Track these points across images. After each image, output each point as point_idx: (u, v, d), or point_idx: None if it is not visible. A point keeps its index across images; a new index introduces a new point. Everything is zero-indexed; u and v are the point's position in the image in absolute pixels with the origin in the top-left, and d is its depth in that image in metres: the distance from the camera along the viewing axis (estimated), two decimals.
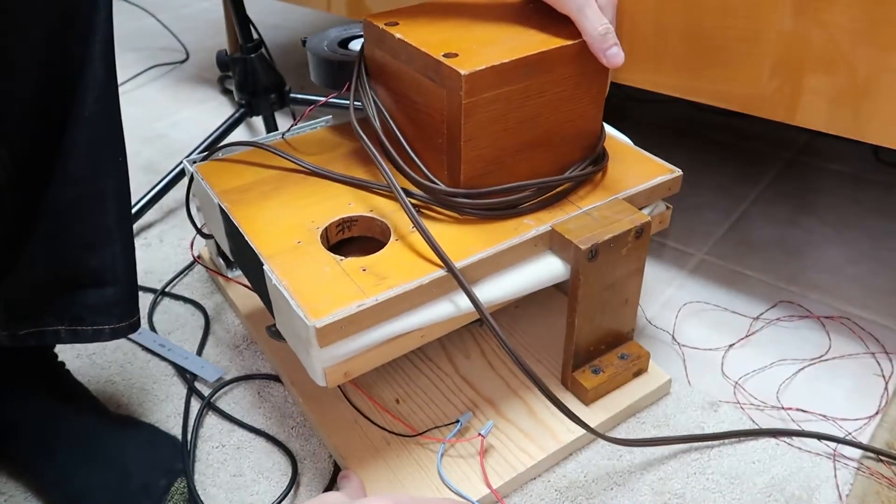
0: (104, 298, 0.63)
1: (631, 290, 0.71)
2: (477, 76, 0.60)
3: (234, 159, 0.76)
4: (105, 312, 0.63)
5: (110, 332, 0.64)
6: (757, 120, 0.81)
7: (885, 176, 1.12)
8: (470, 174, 0.65)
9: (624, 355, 0.74)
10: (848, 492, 0.67)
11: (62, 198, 0.58)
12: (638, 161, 0.75)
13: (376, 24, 0.68)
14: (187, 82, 1.53)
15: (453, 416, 0.72)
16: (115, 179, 0.61)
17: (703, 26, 0.76)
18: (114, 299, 0.63)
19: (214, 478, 0.71)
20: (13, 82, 0.54)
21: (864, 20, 0.67)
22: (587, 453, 0.71)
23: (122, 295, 0.64)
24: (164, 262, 0.99)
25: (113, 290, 0.63)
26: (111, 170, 0.60)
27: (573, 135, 0.70)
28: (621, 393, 0.74)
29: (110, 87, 0.58)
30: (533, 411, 0.72)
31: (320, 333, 0.55)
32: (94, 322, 0.63)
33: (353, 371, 0.59)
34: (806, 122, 0.75)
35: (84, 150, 0.58)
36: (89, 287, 0.62)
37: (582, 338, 0.71)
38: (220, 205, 0.68)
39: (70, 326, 0.63)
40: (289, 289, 0.58)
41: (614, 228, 0.65)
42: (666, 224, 0.77)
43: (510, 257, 0.64)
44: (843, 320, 0.86)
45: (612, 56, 0.63)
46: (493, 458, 0.68)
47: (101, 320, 0.63)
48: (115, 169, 0.61)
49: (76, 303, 0.62)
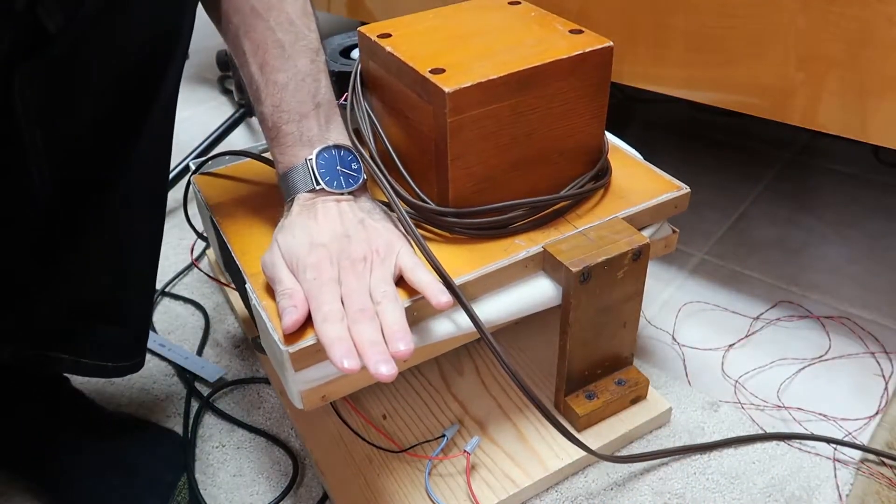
0: (112, 337, 0.63)
1: (629, 314, 0.68)
2: (462, 93, 0.58)
3: (230, 170, 0.76)
4: (110, 350, 0.63)
5: (113, 370, 0.64)
6: (757, 120, 0.81)
7: (885, 176, 1.12)
8: (459, 192, 0.63)
9: (621, 381, 0.72)
10: (848, 492, 0.67)
11: (96, 232, 0.59)
12: (644, 176, 0.72)
13: (369, 36, 0.67)
14: (187, 82, 1.53)
15: (439, 434, 0.70)
16: (151, 226, 0.62)
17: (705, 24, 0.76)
18: (122, 340, 0.64)
19: (214, 478, 0.71)
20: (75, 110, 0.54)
21: (865, 20, 0.67)
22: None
23: (130, 337, 0.64)
24: (163, 262, 0.99)
25: (123, 330, 0.63)
26: (148, 216, 0.61)
27: (572, 150, 0.67)
28: (617, 420, 0.72)
29: (164, 137, 0.59)
30: (523, 436, 0.70)
31: (293, 358, 0.54)
32: (98, 357, 0.63)
33: (332, 394, 0.58)
34: (807, 123, 0.75)
35: (125, 191, 0.58)
36: (100, 323, 0.62)
37: (575, 362, 0.68)
38: (212, 218, 0.69)
39: (73, 357, 0.63)
40: (267, 310, 0.57)
41: (610, 250, 0.63)
42: (671, 248, 0.73)
43: (499, 279, 0.62)
44: (843, 320, 0.86)
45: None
46: (477, 483, 0.66)
47: (106, 357, 0.63)
48: (152, 215, 0.61)
49: (85, 336, 0.62)
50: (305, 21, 0.62)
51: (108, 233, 0.59)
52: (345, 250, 0.57)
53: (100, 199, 0.57)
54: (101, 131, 0.55)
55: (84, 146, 0.55)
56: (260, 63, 0.60)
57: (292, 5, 0.61)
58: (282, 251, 0.58)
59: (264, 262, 0.59)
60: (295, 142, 0.60)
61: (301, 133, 0.60)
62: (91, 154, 0.56)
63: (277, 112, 0.60)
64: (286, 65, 0.60)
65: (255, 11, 0.60)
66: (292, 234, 0.58)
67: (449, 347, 0.63)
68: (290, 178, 0.60)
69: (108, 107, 0.55)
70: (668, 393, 0.77)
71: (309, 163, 0.59)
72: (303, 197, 0.60)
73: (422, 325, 0.59)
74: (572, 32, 0.66)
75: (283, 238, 0.58)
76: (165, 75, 0.56)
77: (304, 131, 0.60)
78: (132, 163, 0.57)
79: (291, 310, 0.54)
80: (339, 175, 0.60)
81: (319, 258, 0.56)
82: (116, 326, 0.63)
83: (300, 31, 0.61)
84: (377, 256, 0.57)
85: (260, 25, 0.60)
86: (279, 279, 0.57)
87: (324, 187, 0.59)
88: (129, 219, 0.59)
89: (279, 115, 0.60)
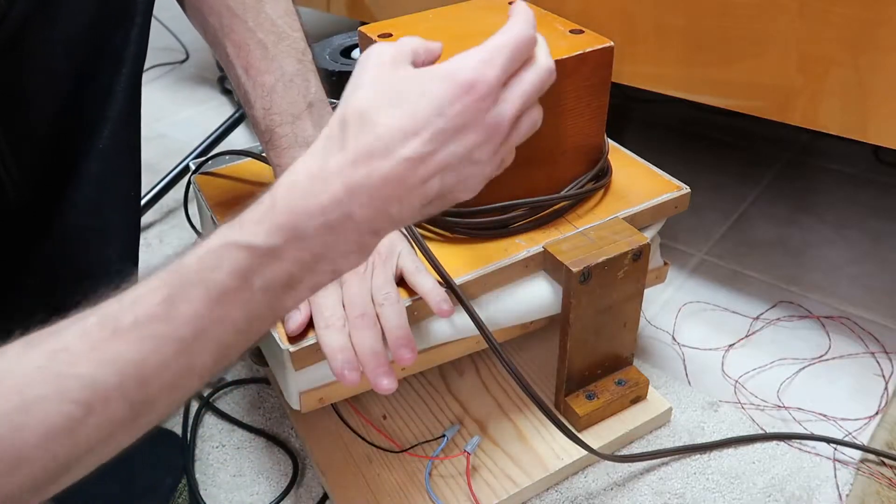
0: None
1: (629, 314, 0.68)
2: None
3: (231, 169, 0.76)
4: None
5: None
6: (757, 120, 0.81)
7: (885, 176, 1.12)
8: None
9: (621, 381, 0.71)
10: (848, 492, 0.67)
11: (67, 227, 0.57)
12: (644, 176, 0.72)
13: (369, 36, 0.67)
14: (187, 82, 1.53)
15: (439, 434, 0.70)
16: (124, 214, 0.60)
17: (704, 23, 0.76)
18: None
19: (214, 478, 0.71)
20: (32, 109, 0.53)
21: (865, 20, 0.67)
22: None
23: None
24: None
25: None
26: (120, 204, 0.59)
27: (573, 150, 0.67)
28: (617, 420, 0.71)
29: (130, 123, 0.58)
30: (523, 436, 0.70)
31: (294, 357, 0.54)
32: None
33: (329, 398, 0.58)
34: (807, 123, 0.75)
35: (94, 182, 0.57)
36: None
37: (575, 362, 0.68)
38: (213, 217, 0.69)
39: None
40: None
41: (610, 250, 0.63)
42: (663, 280, 0.74)
43: (500, 279, 0.62)
44: (843, 320, 0.86)
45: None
46: (477, 483, 0.66)
47: None
48: (125, 204, 0.59)
49: None
50: (288, 21, 0.61)
51: (80, 224, 0.58)
52: None
53: (69, 190, 0.56)
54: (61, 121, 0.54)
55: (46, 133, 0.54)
56: (244, 65, 0.59)
57: (272, 5, 0.60)
58: None
59: None
60: (291, 144, 0.60)
61: (296, 135, 0.59)
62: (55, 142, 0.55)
63: (269, 115, 0.59)
64: (271, 66, 0.59)
65: (232, 12, 0.59)
66: None
67: (451, 357, 0.63)
68: None
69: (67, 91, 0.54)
70: (668, 393, 0.77)
71: None
72: None
73: (422, 326, 0.59)
74: (573, 32, 0.66)
75: None
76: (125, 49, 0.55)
77: (299, 132, 0.59)
78: (94, 153, 0.56)
79: (294, 312, 0.54)
80: None
81: None
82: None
83: (283, 31, 0.60)
84: (378, 257, 0.57)
85: (239, 26, 0.59)
86: None
87: None
88: (97, 209, 0.58)
89: (271, 118, 0.59)
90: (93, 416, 0.35)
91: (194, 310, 0.37)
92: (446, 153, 0.40)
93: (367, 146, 0.39)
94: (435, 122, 0.39)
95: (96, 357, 0.36)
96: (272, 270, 0.39)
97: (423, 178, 0.40)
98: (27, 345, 0.36)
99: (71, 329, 0.37)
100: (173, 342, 0.37)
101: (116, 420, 0.36)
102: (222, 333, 0.38)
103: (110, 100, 0.55)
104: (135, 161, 0.59)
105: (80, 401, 0.34)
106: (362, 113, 0.40)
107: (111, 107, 0.55)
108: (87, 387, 0.35)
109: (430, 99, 0.39)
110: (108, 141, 0.56)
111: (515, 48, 0.42)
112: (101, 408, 0.35)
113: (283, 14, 0.61)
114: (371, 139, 0.39)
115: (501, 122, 0.42)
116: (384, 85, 0.41)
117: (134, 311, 0.37)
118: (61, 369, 0.35)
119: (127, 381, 0.36)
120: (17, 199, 0.54)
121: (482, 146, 0.42)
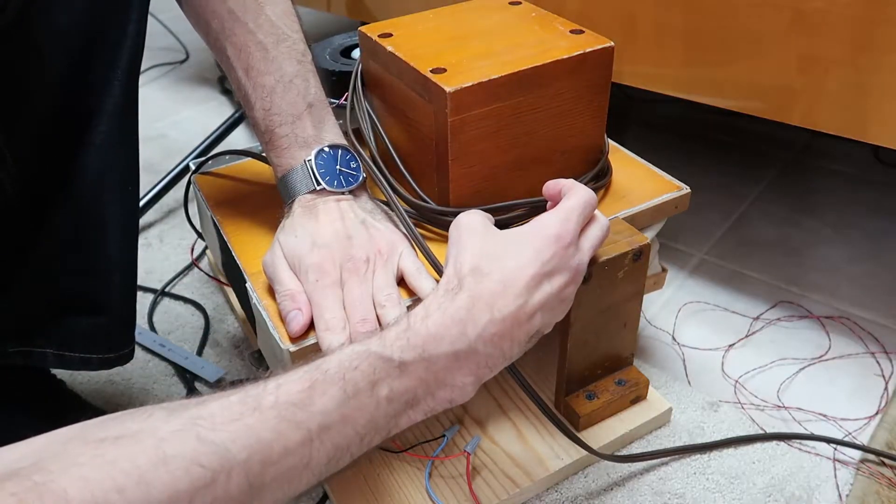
0: (96, 327, 0.61)
1: (629, 314, 0.68)
2: (463, 93, 0.58)
3: (231, 169, 0.76)
4: (95, 341, 0.61)
5: (98, 362, 0.61)
6: (757, 120, 0.81)
7: (885, 176, 1.12)
8: (460, 192, 0.63)
9: (621, 381, 0.71)
10: (848, 492, 0.67)
11: (64, 221, 0.57)
12: (644, 176, 0.72)
13: (369, 36, 0.67)
14: (187, 82, 1.53)
15: (439, 434, 0.70)
16: (122, 209, 0.59)
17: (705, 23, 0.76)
18: (106, 329, 0.61)
19: None
20: (29, 102, 0.53)
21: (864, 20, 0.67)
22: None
23: (115, 325, 0.61)
24: (164, 263, 0.99)
25: (107, 319, 0.61)
26: (118, 199, 0.58)
27: (573, 150, 0.67)
28: (617, 420, 0.71)
29: (128, 117, 0.57)
30: (523, 436, 0.70)
31: (295, 357, 0.54)
32: (84, 349, 0.61)
33: None
34: (807, 123, 0.75)
35: (91, 177, 0.56)
36: (83, 314, 0.60)
37: (575, 362, 0.68)
38: (213, 217, 0.69)
39: (58, 351, 0.61)
40: (268, 310, 0.57)
41: (610, 250, 0.62)
42: (661, 286, 0.74)
43: None
44: (843, 320, 0.86)
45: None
46: (477, 483, 0.66)
47: (91, 349, 0.61)
48: (122, 199, 0.59)
49: (68, 328, 0.60)
50: (288, 22, 0.61)
51: (77, 218, 0.57)
52: (347, 252, 0.57)
53: (65, 184, 0.56)
54: (58, 114, 0.54)
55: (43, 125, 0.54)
56: (245, 67, 0.60)
57: (272, 7, 0.60)
58: (283, 251, 0.58)
59: (265, 262, 0.59)
60: (291, 144, 0.60)
61: (296, 135, 0.60)
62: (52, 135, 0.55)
63: (269, 115, 0.60)
64: (271, 67, 0.59)
65: (234, 14, 0.59)
66: (294, 235, 0.58)
67: None
68: (290, 180, 0.60)
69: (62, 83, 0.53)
70: (668, 393, 0.77)
71: (308, 164, 0.59)
72: (304, 198, 0.60)
73: None
74: (573, 32, 0.66)
75: (285, 238, 0.58)
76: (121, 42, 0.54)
77: (299, 133, 0.60)
78: (91, 148, 0.56)
79: (296, 314, 0.54)
80: (339, 174, 0.60)
81: (322, 259, 0.56)
82: (98, 317, 0.60)
83: (283, 32, 0.60)
84: (380, 258, 0.57)
85: (240, 29, 0.59)
86: (280, 280, 0.57)
87: (325, 187, 0.59)
88: (95, 204, 0.57)
89: (271, 119, 0.60)
90: (214, 487, 0.36)
91: (328, 404, 0.42)
92: (544, 292, 0.49)
93: (487, 290, 0.48)
94: (536, 267, 0.49)
95: (233, 428, 0.38)
96: (400, 383, 0.45)
97: (529, 315, 0.49)
98: (172, 411, 0.38)
99: (214, 402, 0.40)
100: (302, 431, 0.41)
101: (231, 498, 0.37)
102: (343, 433, 0.43)
103: (107, 93, 0.55)
104: (132, 155, 0.59)
105: (208, 466, 0.36)
106: (474, 268, 0.49)
107: (108, 100, 0.55)
108: (218, 454, 0.37)
109: (529, 249, 0.50)
110: (105, 134, 0.56)
111: (584, 208, 0.53)
112: (223, 480, 0.37)
113: (283, 15, 0.61)
114: (489, 285, 0.48)
115: (581, 266, 0.53)
116: (487, 245, 0.51)
117: (277, 394, 0.41)
118: (199, 432, 0.37)
119: (253, 457, 0.38)
120: (14, 194, 0.54)
121: (569, 286, 0.51)
